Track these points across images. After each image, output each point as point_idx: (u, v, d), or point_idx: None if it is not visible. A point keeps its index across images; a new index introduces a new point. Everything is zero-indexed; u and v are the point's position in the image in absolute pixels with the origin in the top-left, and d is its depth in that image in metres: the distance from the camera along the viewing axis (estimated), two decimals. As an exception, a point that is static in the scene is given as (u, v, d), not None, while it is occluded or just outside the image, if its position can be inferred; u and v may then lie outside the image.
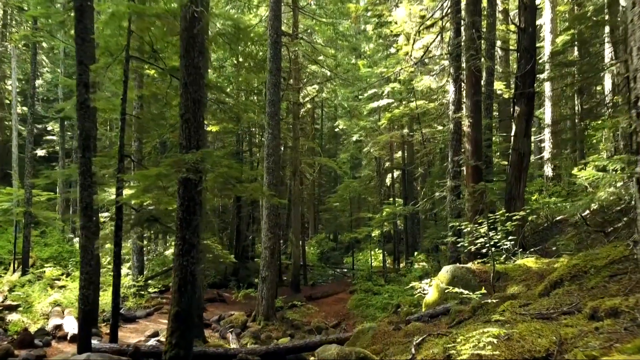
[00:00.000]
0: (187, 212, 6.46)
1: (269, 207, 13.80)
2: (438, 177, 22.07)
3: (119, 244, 8.55)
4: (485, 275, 7.87)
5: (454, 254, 11.81)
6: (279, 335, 12.93)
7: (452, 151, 12.62)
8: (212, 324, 13.16)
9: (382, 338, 6.64)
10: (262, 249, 13.94)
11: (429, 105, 19.66)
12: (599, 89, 21.87)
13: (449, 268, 8.23)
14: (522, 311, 4.72)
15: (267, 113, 14.00)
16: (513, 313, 4.79)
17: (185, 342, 6.21)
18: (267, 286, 13.65)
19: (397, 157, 27.08)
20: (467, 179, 12.10)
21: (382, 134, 22.97)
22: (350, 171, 34.93)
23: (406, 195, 23.30)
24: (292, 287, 20.91)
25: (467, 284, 7.79)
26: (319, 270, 28.25)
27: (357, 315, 16.16)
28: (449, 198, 12.32)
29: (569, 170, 20.58)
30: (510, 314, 4.81)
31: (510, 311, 4.89)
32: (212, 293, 18.58)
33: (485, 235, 7.96)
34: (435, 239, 17.61)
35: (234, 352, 7.68)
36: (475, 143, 12.07)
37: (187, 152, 6.37)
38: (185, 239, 6.42)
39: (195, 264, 6.45)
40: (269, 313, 13.60)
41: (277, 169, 14.08)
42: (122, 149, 8.68)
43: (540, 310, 4.61)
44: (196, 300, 6.48)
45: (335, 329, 14.34)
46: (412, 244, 24.75)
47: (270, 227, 13.77)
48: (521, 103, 11.83)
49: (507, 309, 4.97)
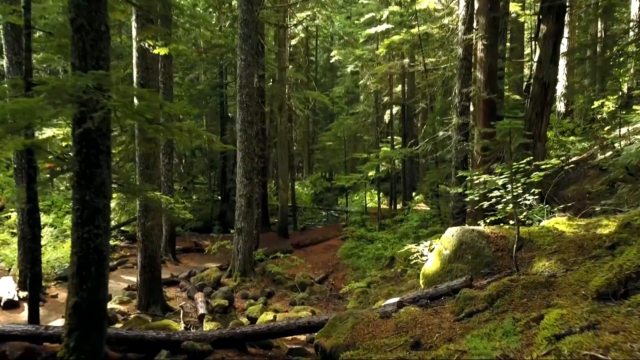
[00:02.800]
0: (87, 164, 4.50)
1: (243, 149, 11.83)
2: (441, 113, 19.92)
3: (32, 199, 6.68)
4: (502, 242, 6.04)
5: (457, 206, 9.97)
6: (257, 293, 11.42)
7: (460, 82, 10.44)
8: (181, 282, 11.60)
9: (364, 332, 4.91)
10: (237, 197, 12.13)
11: (433, 29, 17.09)
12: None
13: (456, 231, 6.39)
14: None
15: (239, 35, 11.66)
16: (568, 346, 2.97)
17: (91, 344, 4.47)
18: (243, 238, 11.97)
19: (397, 91, 24.73)
20: (478, 115, 10.04)
21: (380, 64, 20.52)
22: (346, 106, 32.52)
23: (405, 133, 21.22)
24: (279, 232, 19.39)
25: (479, 252, 5.99)
26: (311, 213, 26.74)
27: (348, 266, 14.66)
28: (455, 138, 10.30)
29: (585, 105, 18.43)
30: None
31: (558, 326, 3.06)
32: (189, 242, 17.06)
33: (503, 187, 6.04)
34: (436, 183, 15.77)
35: (180, 337, 6.04)
36: (490, 71, 9.88)
37: (83, 74, 4.30)
38: (86, 202, 4.51)
39: (102, 237, 4.58)
40: (246, 268, 12.02)
41: (252, 103, 11.94)
42: (29, 74, 6.57)
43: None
44: (105, 285, 4.66)
45: (321, 284, 12.84)
46: (410, 184, 22.96)
47: (246, 172, 11.87)
48: (549, 20, 9.52)
49: (552, 325, 3.13)
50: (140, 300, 9.13)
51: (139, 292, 9.16)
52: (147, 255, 9.05)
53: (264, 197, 20.30)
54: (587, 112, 18.08)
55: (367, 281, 11.43)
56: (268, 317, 8.60)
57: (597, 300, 3.48)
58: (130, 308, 9.25)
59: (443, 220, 14.49)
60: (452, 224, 10.35)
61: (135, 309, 9.14)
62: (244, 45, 11.52)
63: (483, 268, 5.83)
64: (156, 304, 9.14)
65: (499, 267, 5.74)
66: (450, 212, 10.39)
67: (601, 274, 3.73)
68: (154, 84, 9.13)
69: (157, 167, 9.14)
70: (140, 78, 8.67)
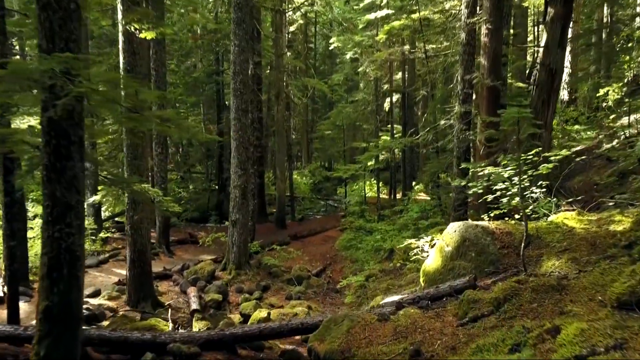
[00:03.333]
0: (57, 156, 4.11)
1: (237, 139, 11.42)
2: (441, 101, 19.47)
3: (10, 192, 6.30)
4: (508, 239, 5.67)
5: (459, 197, 9.58)
6: (252, 287, 11.10)
7: (463, 68, 10.00)
8: (174, 275, 11.26)
9: (360, 336, 4.56)
10: (231, 187, 11.75)
11: (434, 15, 16.57)
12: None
13: (458, 226, 6.02)
14: None
15: (232, 19, 11.19)
16: None
17: (63, 352, 4.12)
18: (238, 231, 11.61)
19: (397, 78, 24.22)
20: (481, 103, 9.62)
21: (379, 50, 19.99)
22: (346, 94, 31.95)
23: (406, 121, 20.77)
24: (277, 223, 19.04)
25: (483, 250, 5.62)
26: (310, 203, 26.37)
27: (346, 258, 14.33)
28: (457, 127, 9.89)
29: (590, 93, 17.96)
30: None
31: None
32: (184, 233, 16.72)
33: (509, 180, 5.65)
34: (436, 173, 15.37)
35: (166, 339, 5.69)
36: (494, 56, 9.44)
37: (47, 57, 3.89)
38: (56, 198, 4.13)
39: (75, 236, 4.20)
40: (241, 261, 11.68)
41: (247, 90, 11.51)
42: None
43: None
44: (79, 288, 4.30)
45: (318, 277, 12.52)
46: (410, 173, 22.57)
47: (240, 163, 11.48)
48: (557, 2, 9.07)
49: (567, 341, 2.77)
50: (129, 296, 8.80)
51: (128, 287, 8.83)
52: (136, 250, 8.69)
53: (261, 187, 19.93)
54: (591, 100, 17.63)
55: (366, 275, 11.11)
56: (262, 315, 8.27)
57: (618, 310, 3.12)
58: (119, 304, 8.93)
59: (444, 211, 14.13)
60: (453, 217, 9.99)
61: (125, 305, 8.82)
62: (237, 30, 11.05)
63: (487, 266, 5.46)
64: (146, 299, 8.81)
65: (504, 266, 5.38)
66: (452, 204, 10.02)
67: (622, 279, 3.37)
68: (142, 70, 8.70)
69: (145, 158, 8.75)
70: (126, 64, 8.24)
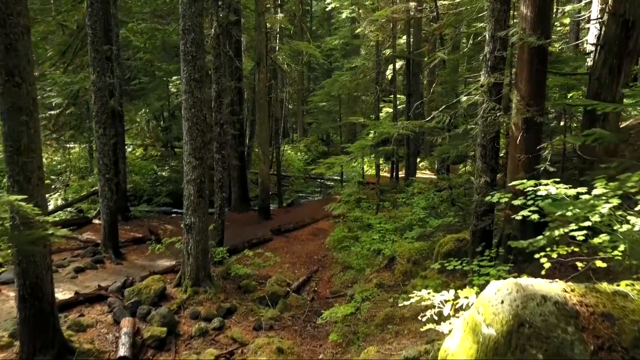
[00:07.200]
0: None
1: (190, 118, 8.66)
2: (453, 67, 16.53)
3: None
4: (607, 331, 3.01)
5: (483, 202, 6.85)
6: (211, 311, 8.56)
7: (493, 22, 7.12)
8: (110, 297, 8.67)
9: None
10: (184, 182, 9.08)
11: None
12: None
13: (507, 293, 3.34)
14: None
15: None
16: None
17: None
18: (194, 237, 9.01)
19: (401, 43, 21.18)
20: (521, 71, 6.79)
21: (380, 8, 16.95)
22: (343, 60, 28.76)
23: (410, 91, 17.85)
24: (260, 213, 16.47)
25: (561, 352, 2.98)
26: (304, 183, 23.73)
27: (337, 262, 11.77)
28: (485, 106, 7.10)
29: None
30: None
31: None
32: (147, 226, 14.15)
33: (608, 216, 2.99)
34: (447, 157, 12.63)
35: None
36: (541, 3, 6.56)
37: None
38: None
39: None
40: (199, 275, 9.13)
41: (201, 54, 8.62)
42: None
43: None
44: None
45: (299, 294, 9.99)
46: (415, 151, 19.70)
47: (195, 150, 8.76)
48: None
49: None
50: (22, 346, 6.27)
51: (21, 334, 6.29)
52: (27, 283, 6.11)
53: (241, 170, 17.29)
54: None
55: (359, 295, 8.53)
56: None
57: None
58: (8, 356, 6.42)
59: (456, 205, 11.44)
60: (473, 227, 7.36)
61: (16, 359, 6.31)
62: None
63: (572, 392, 2.84)
64: (47, 348, 6.29)
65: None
66: (474, 209, 7.34)
67: None
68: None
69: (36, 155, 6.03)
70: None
